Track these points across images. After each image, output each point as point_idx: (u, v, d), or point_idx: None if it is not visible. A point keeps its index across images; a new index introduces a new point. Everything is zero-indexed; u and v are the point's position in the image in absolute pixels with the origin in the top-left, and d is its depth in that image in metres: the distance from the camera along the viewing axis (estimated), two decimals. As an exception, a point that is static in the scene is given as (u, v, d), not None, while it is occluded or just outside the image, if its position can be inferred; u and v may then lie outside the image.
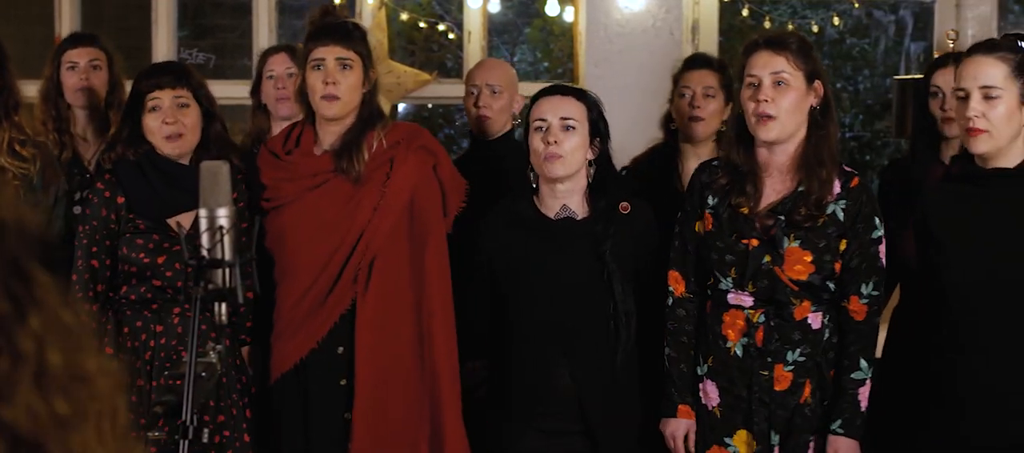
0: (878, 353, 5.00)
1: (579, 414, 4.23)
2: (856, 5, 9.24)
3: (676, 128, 5.16)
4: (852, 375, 4.07)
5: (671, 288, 4.24)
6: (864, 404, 4.06)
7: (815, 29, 9.38)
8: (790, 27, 8.47)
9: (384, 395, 4.37)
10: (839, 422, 4.06)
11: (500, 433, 4.33)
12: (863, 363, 4.07)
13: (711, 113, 5.03)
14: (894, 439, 4.44)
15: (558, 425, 4.25)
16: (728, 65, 5.18)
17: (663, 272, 4.28)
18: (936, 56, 6.08)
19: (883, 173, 5.28)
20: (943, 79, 4.81)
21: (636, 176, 5.13)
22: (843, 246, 4.07)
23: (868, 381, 4.07)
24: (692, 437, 4.19)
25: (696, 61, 5.24)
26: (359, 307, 4.37)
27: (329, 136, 4.45)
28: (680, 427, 4.19)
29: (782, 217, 4.05)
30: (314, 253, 4.38)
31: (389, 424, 4.38)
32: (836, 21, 9.11)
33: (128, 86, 4.88)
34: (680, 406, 4.20)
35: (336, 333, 4.39)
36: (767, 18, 7.87)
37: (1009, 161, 3.93)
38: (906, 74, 8.97)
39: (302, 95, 4.47)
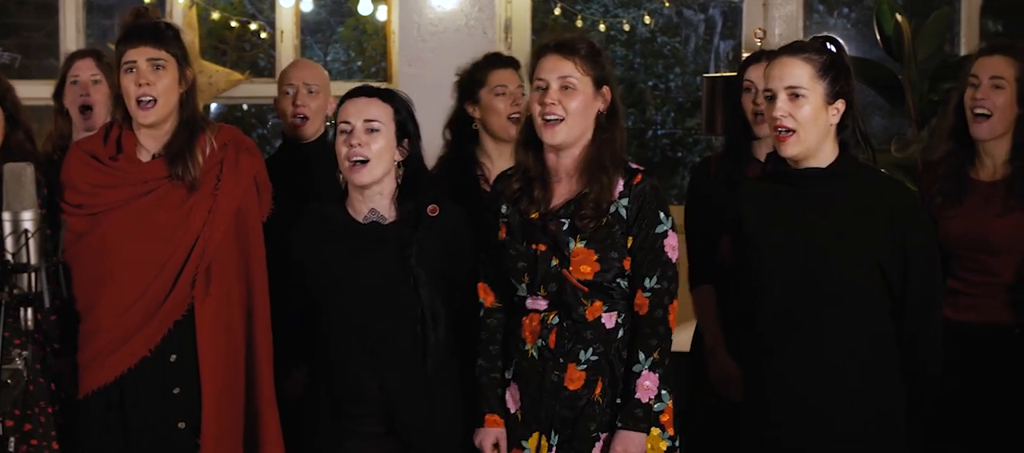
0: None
1: (388, 418, 4.22)
2: (667, 4, 9.36)
3: (477, 128, 5.13)
4: (632, 368, 4.09)
5: (481, 299, 4.26)
6: (644, 396, 4.07)
7: (626, 27, 9.47)
8: (602, 26, 8.54)
9: (229, 401, 4.32)
10: (620, 417, 4.09)
11: (319, 438, 4.29)
12: (641, 356, 4.08)
13: (524, 112, 5.03)
14: (712, 437, 4.51)
15: (372, 429, 4.22)
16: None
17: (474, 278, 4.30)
18: (744, 55, 6.19)
19: (695, 170, 5.33)
20: (756, 74, 4.88)
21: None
22: (630, 243, 4.10)
23: (647, 372, 4.07)
24: (503, 444, 4.19)
25: (496, 61, 5.21)
26: (199, 313, 4.29)
27: (151, 141, 4.35)
28: (488, 436, 4.19)
29: (566, 220, 4.09)
30: (145, 260, 4.27)
31: (235, 430, 4.33)
32: (647, 20, 9.19)
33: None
34: (487, 415, 4.20)
35: (169, 340, 4.30)
36: (579, 17, 7.93)
37: (820, 161, 4.01)
38: (715, 72, 9.11)
39: (119, 100, 4.38)
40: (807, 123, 3.94)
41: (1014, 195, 4.58)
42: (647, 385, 4.07)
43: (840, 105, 3.98)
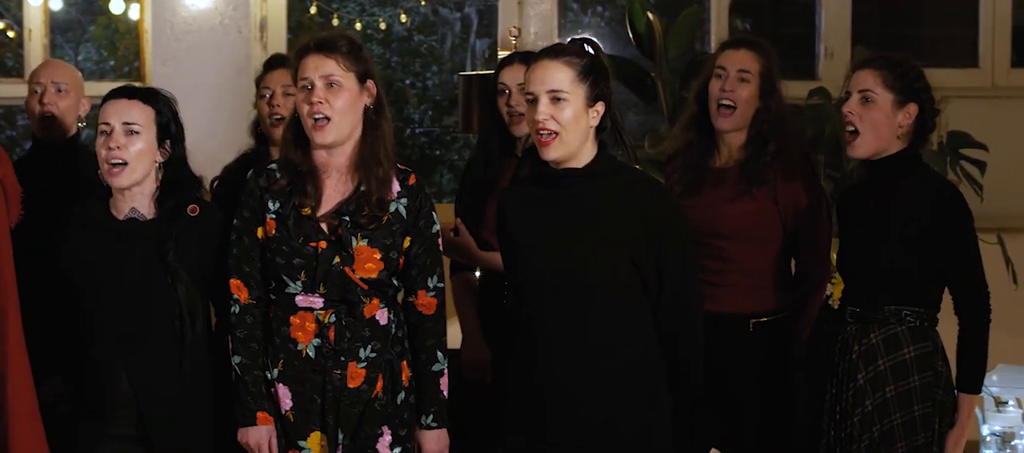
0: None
1: (140, 420, 4.18)
2: (422, 3, 9.40)
3: (264, 132, 5.11)
4: (433, 368, 4.20)
5: (235, 296, 4.21)
6: (446, 392, 4.21)
7: (383, 26, 9.49)
8: (358, 25, 8.54)
9: None
10: (431, 417, 4.21)
11: (80, 440, 4.23)
12: (439, 354, 4.21)
13: (291, 112, 4.98)
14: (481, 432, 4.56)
15: (124, 431, 4.19)
16: None
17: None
18: (500, 53, 6.24)
19: (464, 173, 5.35)
20: (510, 76, 4.94)
21: (228, 186, 5.07)
22: (407, 243, 4.16)
23: (445, 370, 4.21)
24: (273, 443, 4.18)
25: (276, 61, 5.19)
26: None
27: None
28: (262, 435, 4.17)
29: (347, 217, 4.10)
30: None
31: None
32: (403, 18, 9.23)
33: None
34: (259, 414, 4.17)
35: None
36: (335, 16, 7.91)
37: (580, 162, 4.07)
38: (472, 70, 9.17)
39: None
40: (569, 126, 3.99)
41: (745, 180, 4.73)
42: (445, 383, 4.21)
43: (600, 107, 4.05)
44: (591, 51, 4.10)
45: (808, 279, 4.84)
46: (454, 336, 4.81)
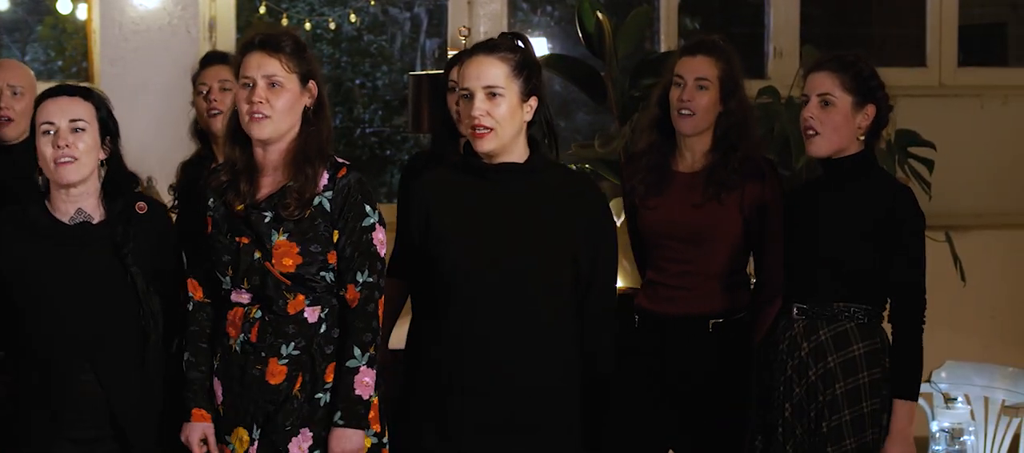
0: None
1: (110, 419, 4.16)
2: (372, 2, 9.36)
3: (203, 128, 5.09)
4: (347, 364, 4.11)
5: (190, 293, 4.25)
6: (364, 392, 4.10)
7: (332, 26, 9.45)
8: (308, 25, 8.51)
9: None
10: (339, 414, 4.10)
11: (31, 446, 4.18)
12: (357, 351, 4.11)
13: (229, 107, 4.95)
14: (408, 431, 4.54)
15: (90, 432, 4.16)
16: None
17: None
18: (450, 52, 6.25)
19: (405, 167, 5.35)
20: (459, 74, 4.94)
21: (178, 190, 5.06)
22: (336, 236, 4.13)
23: (364, 368, 4.10)
24: (211, 440, 4.19)
25: (212, 58, 5.17)
26: None
27: None
28: (194, 431, 4.19)
29: (268, 212, 4.09)
30: None
31: None
32: (353, 18, 9.18)
33: None
34: (194, 410, 4.19)
35: None
36: (284, 16, 7.88)
37: (513, 157, 4.09)
38: (422, 70, 9.16)
39: None
40: (505, 121, 4.02)
41: (712, 185, 4.72)
42: (366, 381, 4.10)
43: (533, 102, 4.08)
44: (522, 45, 4.11)
45: (771, 284, 4.79)
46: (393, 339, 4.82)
